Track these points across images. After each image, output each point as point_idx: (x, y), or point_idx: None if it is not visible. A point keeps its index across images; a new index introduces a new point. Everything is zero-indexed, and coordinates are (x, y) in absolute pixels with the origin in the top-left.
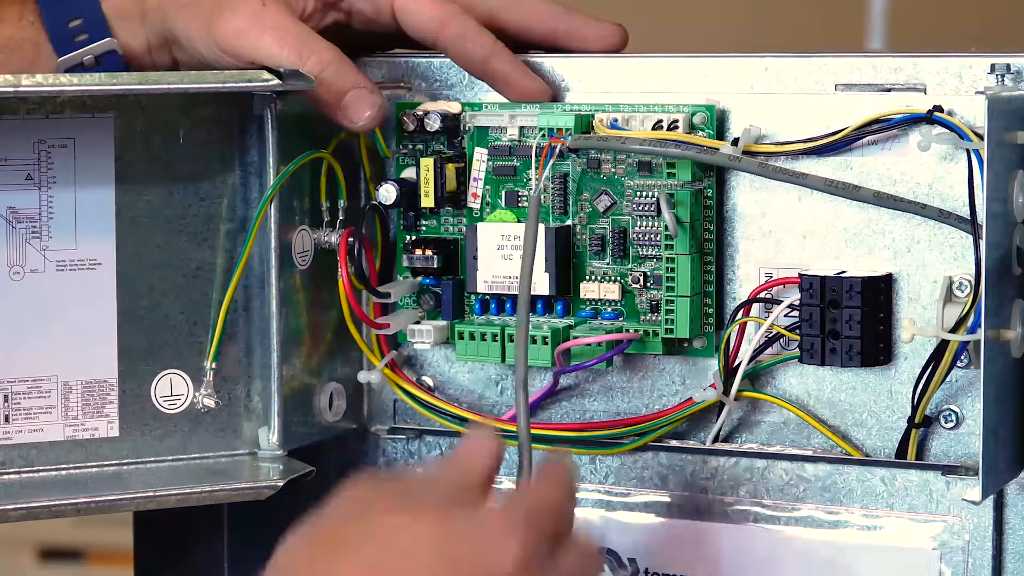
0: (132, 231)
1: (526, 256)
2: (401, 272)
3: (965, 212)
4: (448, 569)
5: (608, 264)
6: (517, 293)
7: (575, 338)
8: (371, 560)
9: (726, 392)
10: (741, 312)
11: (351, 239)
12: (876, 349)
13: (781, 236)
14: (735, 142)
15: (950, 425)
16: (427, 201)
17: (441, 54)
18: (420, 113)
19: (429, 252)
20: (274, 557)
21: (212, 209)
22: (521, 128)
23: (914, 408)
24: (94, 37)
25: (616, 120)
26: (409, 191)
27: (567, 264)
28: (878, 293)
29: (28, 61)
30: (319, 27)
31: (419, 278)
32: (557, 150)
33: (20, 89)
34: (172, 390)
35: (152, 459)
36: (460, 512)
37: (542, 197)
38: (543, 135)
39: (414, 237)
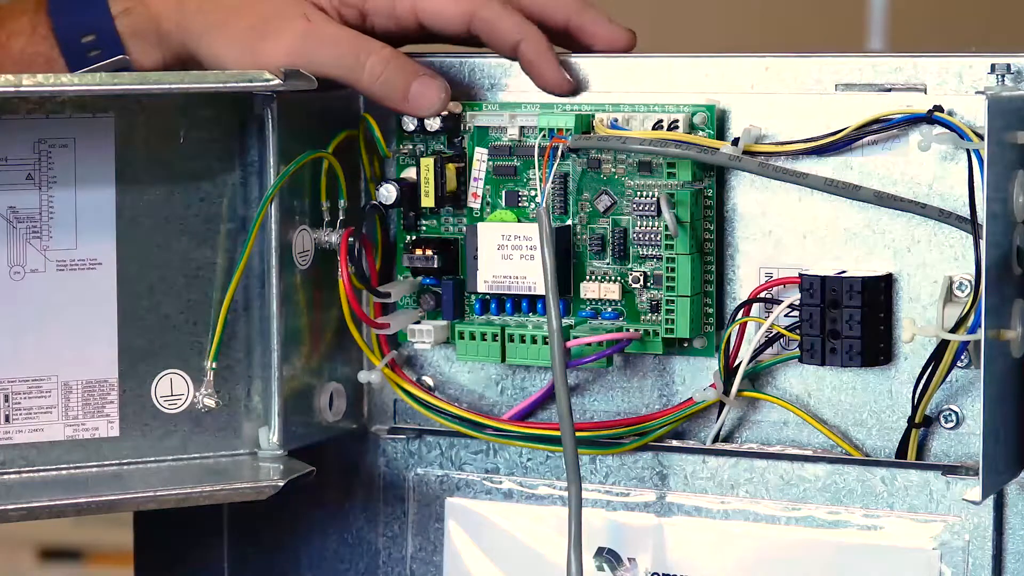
0: (132, 231)
1: (547, 269)
2: (401, 272)
3: (965, 212)
4: None
5: (608, 264)
6: (517, 293)
7: (575, 338)
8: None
9: (726, 392)
10: (741, 312)
11: (351, 239)
12: (876, 349)
13: (781, 236)
14: (735, 142)
15: (950, 425)
16: (427, 201)
17: (443, 53)
18: None
19: (429, 252)
20: None
21: (212, 209)
22: (521, 128)
23: (914, 408)
24: (107, 53)
25: (616, 120)
26: (409, 191)
27: (567, 264)
28: (878, 293)
29: None
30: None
31: (419, 278)
32: (560, 152)
33: (21, 89)
34: (172, 390)
35: (152, 459)
36: None
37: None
38: (543, 135)
39: (414, 237)
